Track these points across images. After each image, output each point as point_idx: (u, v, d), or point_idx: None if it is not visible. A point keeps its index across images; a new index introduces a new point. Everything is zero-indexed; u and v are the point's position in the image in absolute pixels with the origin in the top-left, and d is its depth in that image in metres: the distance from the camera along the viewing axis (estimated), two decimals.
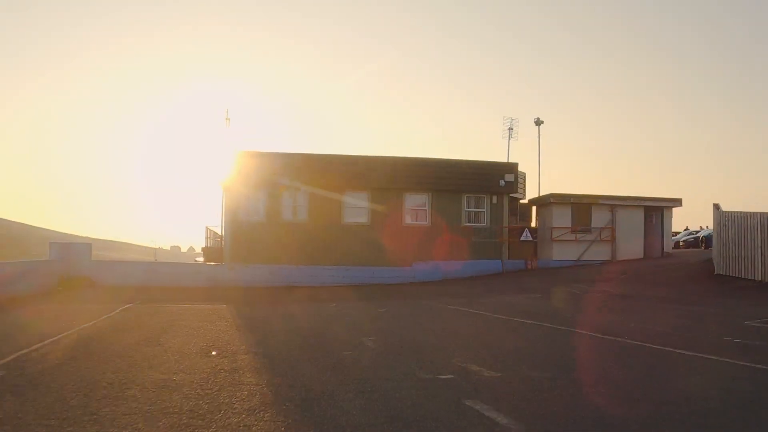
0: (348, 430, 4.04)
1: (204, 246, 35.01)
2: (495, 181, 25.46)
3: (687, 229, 38.98)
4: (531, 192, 32.22)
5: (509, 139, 29.15)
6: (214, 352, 7.24)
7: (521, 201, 29.30)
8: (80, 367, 6.23)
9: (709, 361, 6.76)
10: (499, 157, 33.22)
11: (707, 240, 28.98)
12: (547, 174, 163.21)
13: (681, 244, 34.47)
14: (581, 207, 26.48)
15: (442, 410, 4.59)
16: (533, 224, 28.61)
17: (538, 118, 32.98)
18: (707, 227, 31.93)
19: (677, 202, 27.57)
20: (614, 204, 26.69)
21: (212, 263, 27.91)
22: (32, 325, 10.36)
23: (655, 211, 27.20)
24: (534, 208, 29.20)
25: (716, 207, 19.29)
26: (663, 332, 9.37)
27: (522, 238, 26.03)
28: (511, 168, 26.11)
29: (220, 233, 34.83)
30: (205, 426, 4.07)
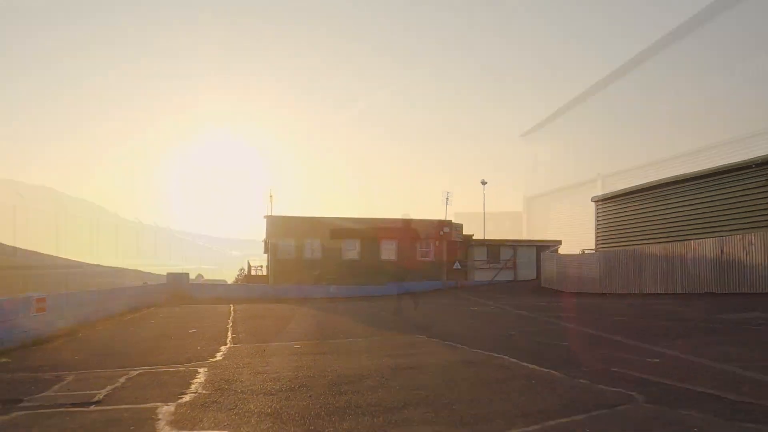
0: (358, 317, 19.10)
1: (246, 273, 50.38)
2: (437, 231, 40.56)
3: None
4: (480, 234, 47.19)
5: (446, 204, 44.43)
6: (303, 308, 22.17)
7: (474, 239, 44.22)
8: (263, 318, 21.19)
9: (449, 305, 21.68)
10: (442, 215, 48.74)
11: None
12: (495, 217, 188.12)
13: None
14: (493, 247, 41.54)
15: (370, 311, 19.62)
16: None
17: (483, 180, 48.01)
18: None
19: (558, 242, 42.56)
20: (516, 245, 41.74)
21: (242, 283, 42.84)
22: (203, 312, 24.99)
23: (545, 248, 42.16)
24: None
25: (549, 250, 34.19)
26: (459, 303, 24.17)
27: (454, 267, 40.95)
28: (448, 223, 41.23)
29: (253, 265, 50.61)
30: (316, 321, 19.13)
